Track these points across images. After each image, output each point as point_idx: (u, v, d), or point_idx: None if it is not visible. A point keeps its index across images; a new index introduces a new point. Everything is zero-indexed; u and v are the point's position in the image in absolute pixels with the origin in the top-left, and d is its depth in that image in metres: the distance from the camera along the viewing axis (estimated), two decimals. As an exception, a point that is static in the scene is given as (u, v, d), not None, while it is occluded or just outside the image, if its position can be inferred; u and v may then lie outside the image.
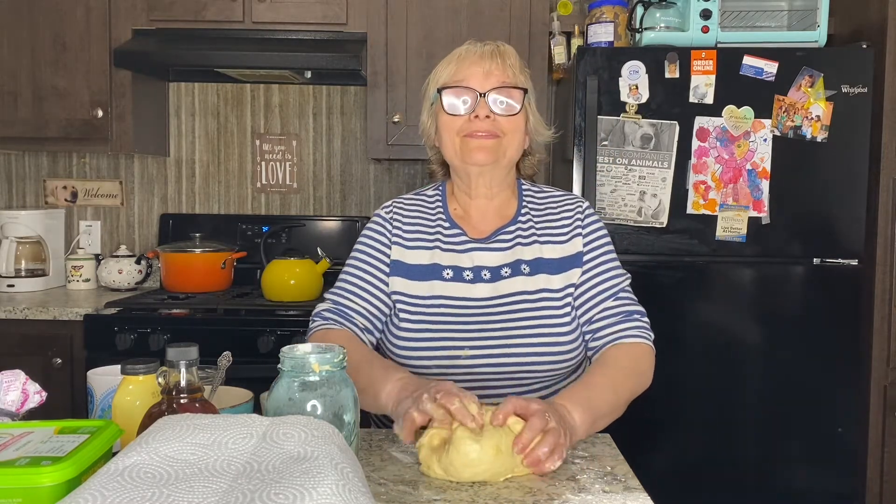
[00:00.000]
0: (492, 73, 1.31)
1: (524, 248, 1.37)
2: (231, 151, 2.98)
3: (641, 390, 1.28)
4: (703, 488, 2.22)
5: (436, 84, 1.36)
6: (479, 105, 1.30)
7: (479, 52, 1.33)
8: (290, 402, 0.92)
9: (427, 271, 1.36)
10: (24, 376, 1.05)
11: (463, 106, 1.32)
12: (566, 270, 1.35)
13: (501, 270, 1.35)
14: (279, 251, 2.65)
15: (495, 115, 1.31)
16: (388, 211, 1.45)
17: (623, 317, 1.32)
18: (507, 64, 1.33)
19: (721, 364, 2.22)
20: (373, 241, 1.42)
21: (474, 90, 1.31)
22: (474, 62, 1.32)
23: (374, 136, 2.61)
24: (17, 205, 2.99)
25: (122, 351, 2.23)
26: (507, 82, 1.32)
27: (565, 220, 1.39)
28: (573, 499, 0.95)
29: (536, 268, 1.35)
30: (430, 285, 1.35)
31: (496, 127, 1.31)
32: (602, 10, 2.43)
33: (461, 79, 1.32)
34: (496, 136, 1.32)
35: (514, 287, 1.34)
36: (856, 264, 2.22)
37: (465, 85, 1.31)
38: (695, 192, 2.20)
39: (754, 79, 2.18)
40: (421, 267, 1.37)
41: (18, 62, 2.58)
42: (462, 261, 1.36)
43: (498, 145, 1.32)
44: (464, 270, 1.35)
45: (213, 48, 2.54)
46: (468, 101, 1.31)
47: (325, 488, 0.69)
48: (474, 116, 1.31)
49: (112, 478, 0.72)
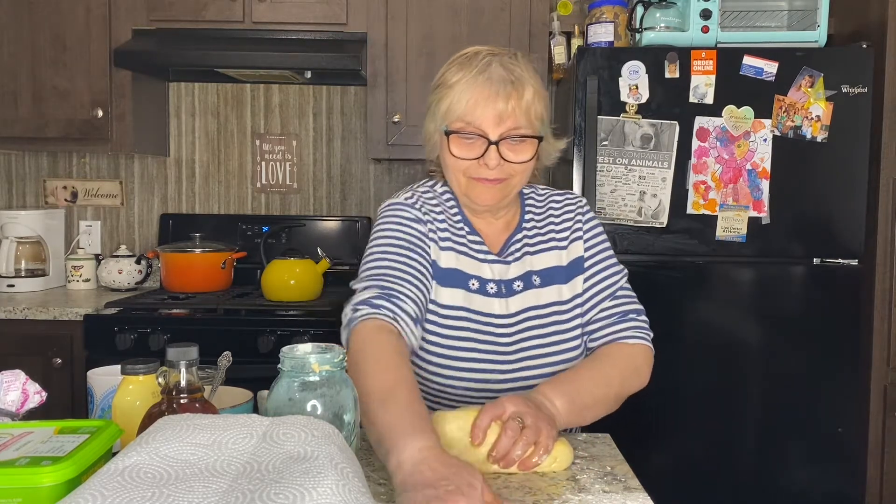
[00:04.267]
0: (506, 117, 1.21)
1: (532, 257, 1.33)
2: (231, 151, 2.98)
3: (637, 388, 1.27)
4: (703, 488, 2.22)
5: (444, 113, 1.25)
6: (488, 153, 1.22)
7: (493, 91, 1.20)
8: (290, 402, 0.92)
9: (457, 278, 1.28)
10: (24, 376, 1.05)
11: (471, 152, 1.23)
12: (572, 279, 1.32)
13: (514, 284, 1.31)
14: (279, 251, 2.65)
15: (505, 161, 1.23)
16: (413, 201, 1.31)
17: (619, 317, 1.30)
18: (522, 103, 1.21)
19: (721, 364, 2.22)
20: (411, 229, 1.27)
21: (485, 138, 1.22)
22: (488, 102, 1.20)
23: (374, 136, 2.61)
24: (17, 205, 2.99)
25: (122, 351, 2.23)
26: (521, 129, 1.22)
27: (566, 222, 1.36)
28: (573, 499, 0.95)
29: (546, 278, 1.32)
30: (460, 295, 1.27)
31: (505, 172, 1.24)
32: (602, 10, 2.43)
33: (471, 121, 1.22)
34: (504, 179, 1.25)
35: (526, 302, 1.30)
36: (856, 264, 2.22)
37: (475, 132, 1.22)
38: (695, 192, 2.20)
39: (754, 79, 2.18)
40: (452, 272, 1.28)
41: (18, 62, 2.58)
42: (485, 272, 1.30)
43: (505, 187, 1.26)
44: (488, 283, 1.29)
45: (213, 48, 2.54)
46: (477, 147, 1.23)
47: (325, 488, 0.69)
48: (483, 163, 1.23)
49: (112, 478, 0.72)
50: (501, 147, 1.22)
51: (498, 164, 1.22)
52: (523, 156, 1.24)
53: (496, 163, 1.22)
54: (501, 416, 1.02)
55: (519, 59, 1.25)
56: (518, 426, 1.01)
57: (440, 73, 1.29)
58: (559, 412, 1.10)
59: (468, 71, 1.23)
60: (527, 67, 1.25)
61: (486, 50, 1.26)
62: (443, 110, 1.25)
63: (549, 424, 1.03)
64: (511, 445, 1.00)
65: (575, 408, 1.13)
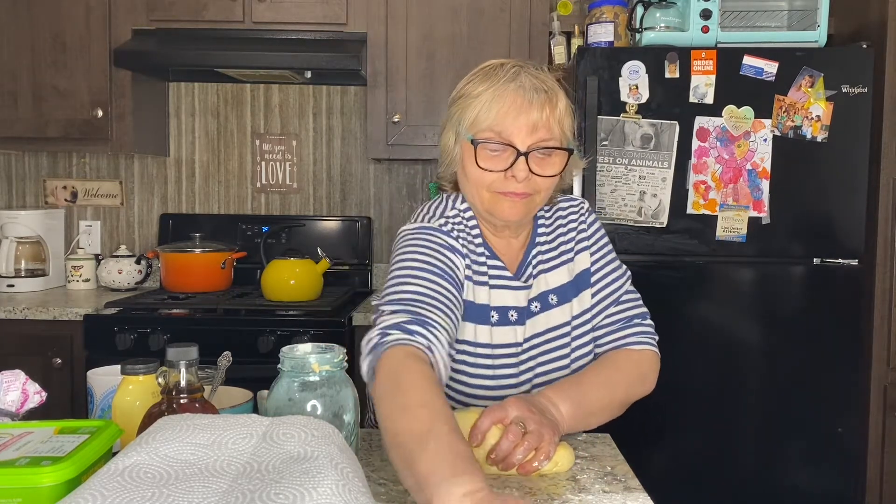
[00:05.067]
0: (538, 127, 1.15)
1: (547, 275, 1.29)
2: (231, 151, 2.98)
3: (642, 394, 1.26)
4: (703, 488, 2.22)
5: (470, 122, 1.18)
6: (517, 165, 1.15)
7: (526, 99, 1.15)
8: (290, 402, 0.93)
9: (478, 313, 1.23)
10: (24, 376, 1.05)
11: (499, 164, 1.17)
12: (580, 293, 1.30)
13: (532, 306, 1.27)
14: (279, 251, 2.65)
15: (534, 174, 1.17)
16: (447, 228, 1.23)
17: (625, 322, 1.29)
18: (556, 113, 1.16)
19: (721, 364, 2.22)
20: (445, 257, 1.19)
21: (516, 149, 1.15)
22: (521, 112, 1.15)
23: (374, 136, 2.61)
24: (17, 205, 2.99)
25: (122, 351, 2.23)
26: (553, 140, 1.17)
27: (571, 232, 1.32)
28: (573, 499, 0.95)
29: (562, 295, 1.29)
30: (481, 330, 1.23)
31: (532, 186, 1.18)
32: (602, 10, 2.43)
33: (502, 130, 1.16)
34: (530, 195, 1.19)
35: (545, 324, 1.27)
36: (856, 264, 2.22)
37: (506, 141, 1.16)
38: (695, 192, 2.20)
39: (754, 79, 2.18)
40: (478, 307, 1.23)
41: (18, 62, 2.58)
42: (507, 299, 1.25)
43: (530, 202, 1.21)
44: (508, 311, 1.25)
45: (213, 48, 2.54)
46: (505, 159, 1.17)
47: (325, 488, 0.69)
48: (511, 176, 1.17)
49: (112, 478, 0.72)
50: (529, 160, 1.16)
51: (526, 176, 1.16)
52: (551, 169, 1.19)
53: (525, 175, 1.16)
54: (503, 420, 1.01)
55: (546, 72, 1.22)
56: (520, 431, 0.99)
57: (461, 85, 1.23)
58: (563, 417, 1.09)
59: (495, 80, 1.17)
60: (555, 80, 1.20)
61: (512, 62, 1.21)
62: (469, 120, 1.18)
63: (551, 430, 1.02)
64: (511, 449, 0.99)
65: (579, 413, 1.12)
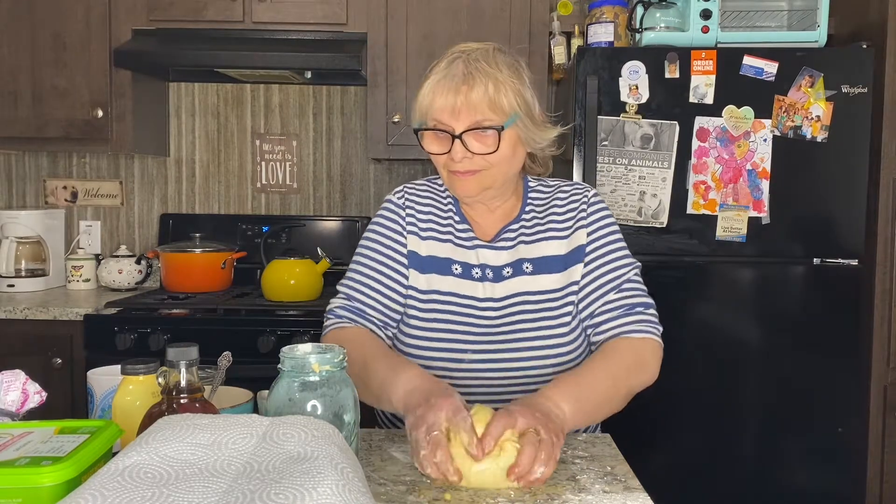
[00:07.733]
0: (460, 111, 1.22)
1: (528, 246, 1.34)
2: (231, 151, 2.98)
3: (645, 383, 1.25)
4: (703, 488, 2.22)
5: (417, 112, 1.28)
6: (454, 147, 1.23)
7: (446, 86, 1.22)
8: (290, 402, 0.92)
9: (439, 265, 1.34)
10: (24, 376, 1.05)
11: (442, 147, 1.26)
12: (569, 267, 1.32)
13: (503, 270, 1.33)
14: (279, 251, 2.65)
15: (473, 153, 1.24)
16: (399, 197, 1.40)
17: (626, 310, 1.28)
18: (472, 95, 1.21)
19: (721, 364, 2.22)
20: (386, 230, 1.37)
21: (448, 132, 1.24)
22: (447, 96, 1.22)
23: (374, 136, 2.61)
24: (17, 205, 2.99)
25: (122, 351, 2.23)
26: (477, 121, 1.22)
27: (570, 212, 1.35)
28: (573, 499, 0.95)
29: (539, 266, 1.32)
30: (442, 280, 1.33)
31: (476, 164, 1.25)
32: (602, 10, 2.43)
33: (433, 116, 1.25)
34: (478, 171, 1.26)
35: (515, 288, 1.32)
36: (856, 264, 2.22)
37: (439, 126, 1.24)
38: (695, 192, 2.20)
39: (754, 79, 2.18)
40: (433, 260, 1.35)
41: (18, 62, 2.58)
42: (470, 258, 1.34)
43: (482, 178, 1.27)
44: (473, 268, 1.34)
45: (213, 48, 2.54)
46: (445, 142, 1.25)
47: (325, 488, 0.69)
48: (450, 158, 1.25)
49: (112, 478, 0.72)
50: (469, 140, 1.23)
51: (464, 156, 1.24)
52: (488, 147, 1.24)
53: (461, 155, 1.24)
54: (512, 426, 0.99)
55: (493, 55, 1.25)
56: (537, 440, 0.97)
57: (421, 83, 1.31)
58: (567, 417, 1.08)
59: (436, 70, 1.26)
60: (499, 62, 1.24)
61: (461, 49, 1.27)
62: (415, 110, 1.29)
63: (555, 433, 1.00)
64: (532, 462, 0.96)
65: (582, 411, 1.12)
